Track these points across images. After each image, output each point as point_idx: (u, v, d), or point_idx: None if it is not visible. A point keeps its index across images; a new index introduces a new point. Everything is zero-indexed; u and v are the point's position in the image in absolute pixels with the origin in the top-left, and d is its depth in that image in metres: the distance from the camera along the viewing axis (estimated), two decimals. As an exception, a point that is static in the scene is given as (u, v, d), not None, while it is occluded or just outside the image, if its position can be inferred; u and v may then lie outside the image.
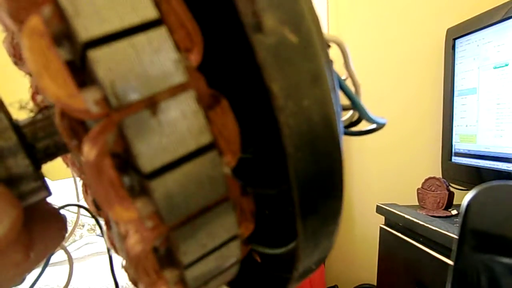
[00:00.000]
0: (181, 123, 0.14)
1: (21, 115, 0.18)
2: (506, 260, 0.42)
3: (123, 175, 0.14)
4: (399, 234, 1.19)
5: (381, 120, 0.22)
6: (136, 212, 0.14)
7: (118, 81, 0.13)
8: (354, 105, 0.21)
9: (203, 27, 0.15)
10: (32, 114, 0.19)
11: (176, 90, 0.14)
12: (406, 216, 1.14)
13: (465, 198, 0.40)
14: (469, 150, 1.30)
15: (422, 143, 1.59)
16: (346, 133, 0.21)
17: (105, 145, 0.13)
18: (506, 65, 1.13)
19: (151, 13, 0.13)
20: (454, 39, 1.37)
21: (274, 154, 0.20)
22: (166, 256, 0.17)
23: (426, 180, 1.31)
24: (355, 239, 1.72)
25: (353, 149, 1.65)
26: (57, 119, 0.15)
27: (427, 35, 1.55)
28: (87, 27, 0.12)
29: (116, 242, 0.21)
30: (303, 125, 0.14)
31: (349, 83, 0.20)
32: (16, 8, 0.13)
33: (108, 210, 0.14)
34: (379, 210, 1.33)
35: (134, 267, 0.16)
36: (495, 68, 1.17)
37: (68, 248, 1.14)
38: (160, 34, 0.13)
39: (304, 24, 0.14)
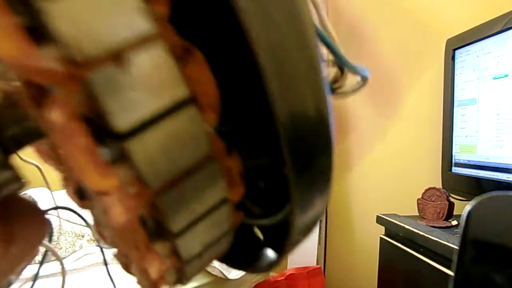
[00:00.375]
0: (153, 75, 0.13)
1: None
2: (506, 270, 0.42)
3: (100, 146, 0.13)
4: (399, 245, 1.19)
5: (363, 71, 0.21)
6: (116, 179, 0.13)
7: (79, 35, 0.12)
8: (333, 52, 0.19)
9: None
10: None
11: (144, 41, 0.13)
12: (406, 227, 1.14)
13: (466, 208, 0.40)
14: (469, 161, 1.30)
15: (422, 153, 1.59)
16: (332, 92, 0.20)
17: (72, 106, 0.12)
18: (506, 75, 1.13)
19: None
20: (454, 50, 1.37)
21: (259, 114, 0.19)
22: (155, 229, 0.16)
23: (426, 190, 1.30)
24: (355, 249, 1.71)
25: (353, 159, 1.65)
26: (22, 88, 0.14)
27: (427, 46, 1.56)
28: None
29: (103, 229, 0.20)
30: (285, 64, 0.14)
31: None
32: None
33: (86, 180, 0.13)
34: (379, 220, 1.32)
35: (122, 241, 0.15)
36: (494, 78, 1.17)
37: (67, 258, 1.13)
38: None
39: None
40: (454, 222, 1.21)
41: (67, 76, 0.12)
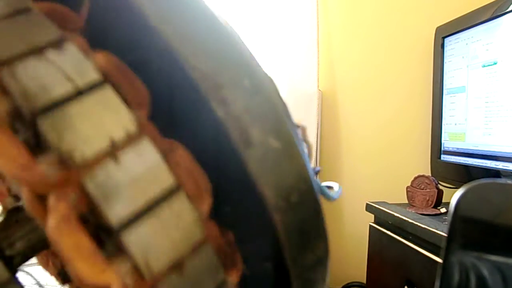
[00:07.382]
0: (142, 169, 0.14)
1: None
2: (494, 258, 0.42)
3: (97, 243, 0.14)
4: (389, 232, 1.20)
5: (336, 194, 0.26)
6: (114, 272, 0.14)
7: (71, 140, 0.13)
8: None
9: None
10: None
11: (131, 139, 0.14)
12: (396, 214, 1.15)
13: (454, 196, 0.40)
14: (458, 148, 1.30)
15: (412, 142, 1.60)
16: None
17: (68, 208, 0.14)
18: (495, 63, 1.13)
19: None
20: (443, 38, 1.37)
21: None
22: None
23: (416, 178, 1.31)
24: (344, 237, 1.72)
25: (343, 147, 1.65)
26: (27, 201, 0.15)
27: (416, 34, 1.55)
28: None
29: None
30: (296, 220, 0.15)
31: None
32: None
33: (84, 277, 0.14)
34: (369, 208, 1.33)
35: None
36: (483, 66, 1.18)
37: None
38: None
39: (284, 129, 0.15)
40: (443, 210, 1.21)
41: (63, 181, 0.13)
